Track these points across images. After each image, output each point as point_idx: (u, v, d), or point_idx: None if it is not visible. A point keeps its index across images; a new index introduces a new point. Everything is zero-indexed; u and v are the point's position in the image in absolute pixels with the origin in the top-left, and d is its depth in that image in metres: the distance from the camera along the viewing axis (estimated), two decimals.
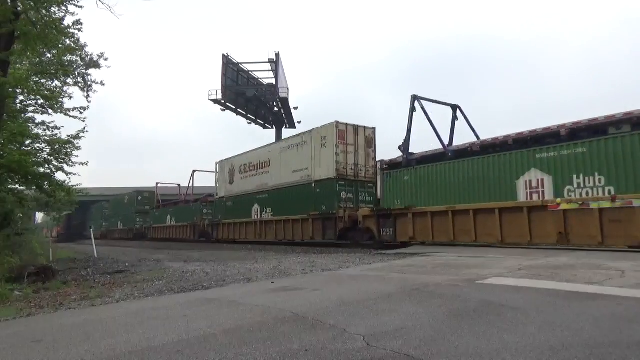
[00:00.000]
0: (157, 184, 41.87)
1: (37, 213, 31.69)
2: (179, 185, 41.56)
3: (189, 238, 31.22)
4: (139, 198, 42.72)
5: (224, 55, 40.08)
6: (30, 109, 14.35)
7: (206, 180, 39.35)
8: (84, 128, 14.18)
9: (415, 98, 16.46)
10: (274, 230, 21.84)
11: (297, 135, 21.58)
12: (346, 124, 18.79)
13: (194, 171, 35.43)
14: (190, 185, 35.82)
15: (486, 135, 15.80)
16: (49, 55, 13.32)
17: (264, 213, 22.99)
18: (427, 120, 16.29)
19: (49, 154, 14.26)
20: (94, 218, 57.64)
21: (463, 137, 16.80)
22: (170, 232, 35.18)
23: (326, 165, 18.66)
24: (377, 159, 18.94)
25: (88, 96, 13.92)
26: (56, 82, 14.05)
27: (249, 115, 44.71)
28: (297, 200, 20.14)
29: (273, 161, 22.74)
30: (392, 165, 16.89)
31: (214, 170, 29.50)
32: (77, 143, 14.36)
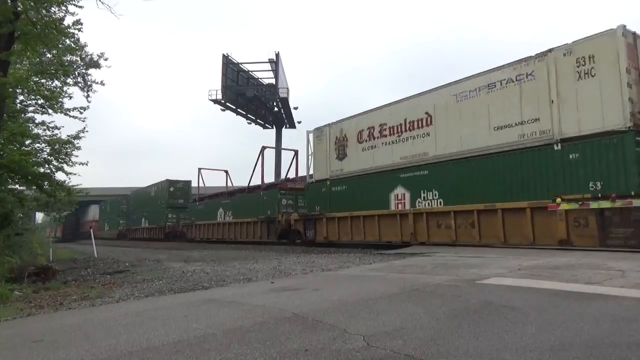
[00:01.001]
0: (200, 169, 33.16)
1: (37, 213, 31.55)
2: (226, 171, 32.31)
3: (261, 239, 23.27)
4: (171, 189, 35.14)
5: (224, 55, 40.10)
6: (30, 109, 14.38)
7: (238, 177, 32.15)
8: (84, 128, 14.22)
9: None
10: (450, 227, 13.48)
11: (504, 66, 12.61)
12: (633, 34, 10.39)
13: (264, 148, 25.93)
14: (259, 165, 25.47)
15: None
16: (49, 55, 13.33)
17: (419, 200, 14.65)
18: None
19: (49, 154, 14.29)
20: (106, 215, 51.34)
21: None
22: (225, 230, 27.01)
23: (593, 106, 10.50)
24: None
25: (88, 96, 13.93)
26: (56, 82, 14.06)
27: (249, 115, 44.73)
28: (510, 176, 12.02)
29: (439, 116, 14.32)
30: None
31: (301, 146, 22.26)
32: (77, 143, 14.40)
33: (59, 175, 14.56)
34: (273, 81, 41.62)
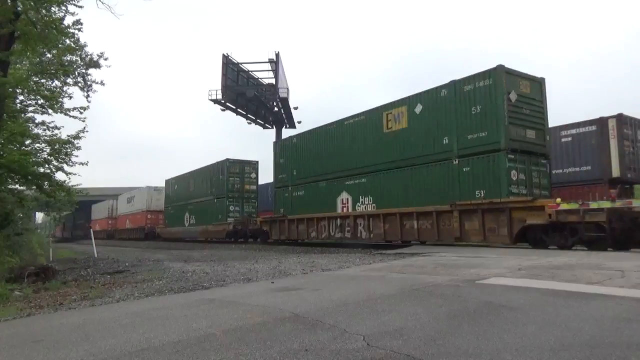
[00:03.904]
0: None
1: (37, 213, 31.37)
2: None
3: None
4: (512, 98, 12.04)
5: (224, 55, 40.05)
6: (30, 109, 14.39)
7: None
8: (84, 128, 14.21)
9: None
10: None
11: None
12: None
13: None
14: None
15: None
16: (49, 55, 13.35)
17: None
18: None
19: (49, 154, 14.28)
20: (184, 201, 31.06)
21: None
22: None
23: None
24: None
25: (88, 96, 13.96)
26: (56, 82, 14.08)
27: (249, 115, 44.69)
28: None
29: None
30: None
31: None
32: (77, 143, 14.39)
33: (59, 175, 14.58)
34: (273, 81, 41.56)
